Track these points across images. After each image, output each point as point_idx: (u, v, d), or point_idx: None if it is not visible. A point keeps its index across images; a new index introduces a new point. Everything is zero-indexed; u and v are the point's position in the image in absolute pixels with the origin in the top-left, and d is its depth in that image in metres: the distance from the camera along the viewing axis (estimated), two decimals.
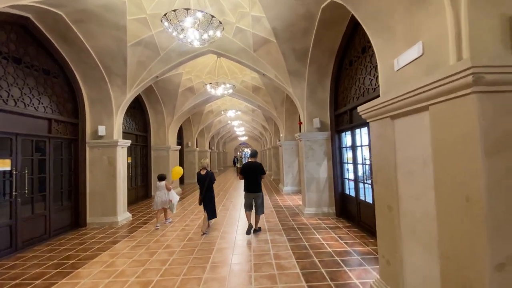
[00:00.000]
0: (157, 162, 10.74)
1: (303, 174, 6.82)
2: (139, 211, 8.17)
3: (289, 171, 10.91)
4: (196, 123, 15.56)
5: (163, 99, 10.35)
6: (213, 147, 23.99)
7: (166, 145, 10.79)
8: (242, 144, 38.50)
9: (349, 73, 5.90)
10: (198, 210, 7.85)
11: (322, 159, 6.78)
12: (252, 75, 9.84)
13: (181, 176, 14.84)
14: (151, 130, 10.80)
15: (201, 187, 5.57)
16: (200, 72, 9.90)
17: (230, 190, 12.17)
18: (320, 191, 6.73)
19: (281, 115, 11.05)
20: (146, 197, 10.44)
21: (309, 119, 6.91)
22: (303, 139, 6.82)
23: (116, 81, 6.69)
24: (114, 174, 6.73)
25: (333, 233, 5.24)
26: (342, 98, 6.36)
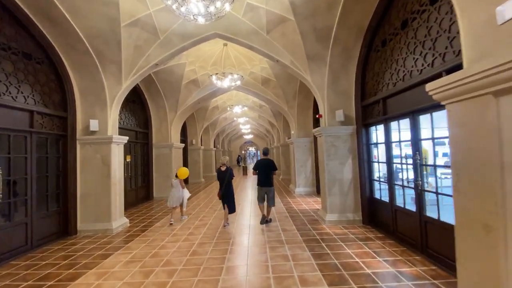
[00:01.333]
0: (159, 161, 9.94)
1: (324, 174, 5.92)
2: (138, 215, 7.36)
3: (301, 171, 10.00)
4: (201, 119, 14.74)
5: (165, 92, 9.52)
6: (218, 145, 23.18)
7: (169, 143, 9.98)
8: (247, 142, 37.67)
9: (382, 56, 4.97)
10: (203, 215, 7.01)
11: (346, 157, 5.87)
12: (262, 65, 8.94)
13: (187, 177, 14.08)
14: (153, 127, 9.99)
15: (221, 182, 5.90)
16: (205, 62, 9.04)
17: (236, 191, 11.30)
18: (343, 194, 5.82)
19: (292, 110, 10.14)
20: (147, 199, 9.64)
21: (331, 112, 5.99)
22: (324, 135, 5.91)
23: (110, 68, 5.87)
24: (108, 174, 5.92)
25: (365, 247, 4.33)
26: (371, 86, 5.43)
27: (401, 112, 4.37)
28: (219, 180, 5.96)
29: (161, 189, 9.85)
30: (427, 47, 3.71)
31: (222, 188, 5.86)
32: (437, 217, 3.64)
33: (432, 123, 3.70)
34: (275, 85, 9.72)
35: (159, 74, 8.75)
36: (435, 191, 3.67)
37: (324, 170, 5.93)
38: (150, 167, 9.79)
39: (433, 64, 3.62)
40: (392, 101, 4.71)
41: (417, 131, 4.07)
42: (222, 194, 5.86)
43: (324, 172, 5.93)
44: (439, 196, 3.67)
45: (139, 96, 9.38)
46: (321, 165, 6.15)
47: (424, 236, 3.93)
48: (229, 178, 5.86)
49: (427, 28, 3.70)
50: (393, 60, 4.58)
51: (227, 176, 5.83)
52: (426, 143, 4.26)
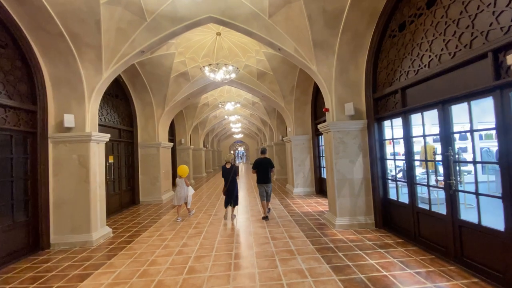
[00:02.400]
0: (145, 162, 9.10)
1: (333, 174, 5.37)
2: (123, 223, 6.54)
3: (299, 170, 9.46)
4: (190, 117, 13.93)
5: (152, 86, 8.70)
6: (207, 145, 22.36)
7: (156, 142, 9.16)
8: (236, 142, 36.94)
9: (399, 41, 4.48)
10: (197, 222, 6.30)
11: (356, 155, 5.35)
12: (259, 57, 8.32)
13: (173, 178, 13.19)
14: (138, 124, 9.14)
15: (226, 179, 6.23)
16: (196, 54, 8.31)
17: None
18: (354, 195, 5.30)
19: (289, 106, 9.58)
20: (133, 204, 8.79)
21: (339, 105, 5.45)
22: (332, 130, 5.37)
23: (88, 54, 5.06)
24: (87, 178, 5.11)
25: (388, 256, 3.81)
26: (384, 76, 4.93)
27: (426, 103, 3.88)
28: (224, 176, 6.31)
29: (148, 193, 9.03)
30: (463, 25, 3.22)
31: (227, 184, 6.20)
32: (477, 221, 3.15)
33: (471, 113, 3.21)
34: (271, 80, 9.12)
35: (145, 66, 7.94)
36: (475, 192, 3.18)
37: (332, 169, 5.39)
38: (136, 169, 8.94)
39: (471, 45, 3.13)
40: (414, 91, 4.22)
41: (448, 123, 3.58)
42: (227, 189, 6.18)
43: (332, 171, 5.39)
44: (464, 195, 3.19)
45: (123, 91, 8.51)
46: (328, 164, 5.60)
47: (458, 242, 3.45)
48: (233, 175, 6.19)
49: (463, 4, 3.21)
50: (415, 44, 4.09)
51: (232, 173, 6.18)
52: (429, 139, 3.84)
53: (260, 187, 6.36)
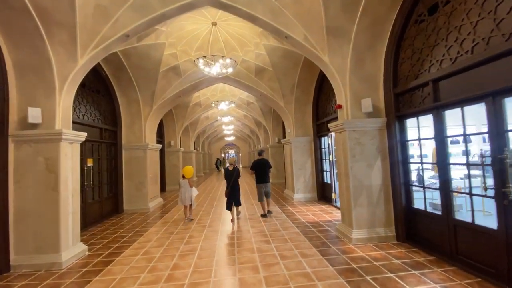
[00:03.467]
0: (130, 165, 8.17)
1: (348, 180, 4.69)
2: (102, 237, 5.62)
3: (300, 174, 8.77)
4: (181, 118, 13.04)
5: (139, 82, 7.82)
6: (198, 147, 21.41)
7: (143, 143, 8.26)
8: (228, 145, 36.05)
9: (429, 26, 3.88)
10: (190, 235, 5.46)
11: (375, 158, 4.70)
12: (258, 50, 7.61)
13: (162, 182, 12.26)
14: (123, 124, 8.21)
15: (229, 181, 6.38)
16: (189, 46, 7.52)
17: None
18: (372, 204, 4.64)
19: (289, 106, 8.91)
20: (116, 213, 7.83)
21: (355, 101, 4.80)
22: (347, 130, 4.70)
23: (60, 36, 4.20)
24: (56, 185, 4.21)
25: (428, 280, 3.14)
26: (408, 68, 4.32)
27: (469, 96, 3.26)
28: (227, 178, 6.46)
29: (133, 200, 8.09)
30: None
31: (229, 186, 6.33)
32: None
33: None
34: (270, 77, 8.44)
35: (131, 57, 7.08)
36: None
37: (347, 174, 4.70)
38: (119, 173, 7.99)
39: None
40: (449, 83, 3.61)
41: (501, 119, 2.97)
42: (229, 191, 6.30)
43: (347, 177, 4.71)
44: None
45: (106, 86, 7.60)
46: (342, 168, 4.92)
47: None
48: (236, 177, 6.37)
49: None
50: (452, 28, 3.49)
51: (234, 175, 6.36)
52: None
53: (259, 187, 6.64)
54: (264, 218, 6.33)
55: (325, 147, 8.26)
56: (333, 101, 7.29)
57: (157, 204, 8.85)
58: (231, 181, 6.32)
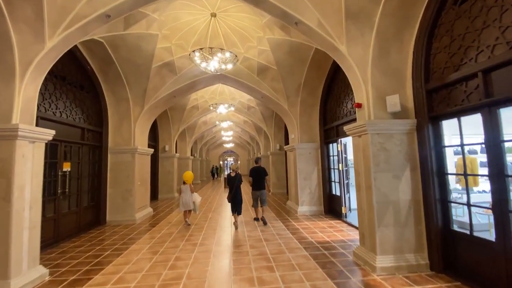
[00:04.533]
0: (116, 171, 7.31)
1: (370, 194, 3.86)
2: (74, 255, 4.71)
3: (305, 184, 7.92)
4: (176, 121, 12.25)
5: (128, 78, 7.06)
6: (195, 153, 20.56)
7: (131, 147, 7.43)
8: (226, 152, 35.21)
9: (473, 8, 3.17)
10: (176, 256, 4.57)
11: (402, 167, 3.89)
12: (261, 46, 6.89)
13: (154, 190, 11.38)
14: (110, 124, 7.40)
15: (231, 187, 6.43)
16: (184, 40, 6.80)
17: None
18: (400, 224, 3.79)
19: (294, 109, 8.14)
20: (97, 224, 6.92)
21: (378, 99, 4.02)
22: (370, 132, 3.90)
23: (23, 10, 3.44)
24: (6, 194, 3.36)
25: None
26: (444, 58, 3.56)
27: None
28: (229, 184, 6.58)
29: (118, 210, 7.19)
30: None
31: (231, 192, 6.39)
32: None
33: None
34: (274, 76, 7.69)
35: (120, 50, 6.33)
36: None
37: (369, 187, 3.87)
38: (103, 180, 7.12)
39: None
40: (507, 72, 2.84)
41: None
42: (232, 197, 6.36)
43: (369, 190, 3.87)
44: None
45: (91, 81, 6.82)
46: (363, 179, 4.09)
47: None
48: (238, 183, 6.45)
49: None
50: (508, 5, 2.75)
51: (237, 181, 6.43)
52: None
53: (254, 194, 6.75)
54: (266, 238, 5.41)
55: (334, 155, 7.44)
56: (345, 103, 6.53)
57: (146, 214, 7.94)
58: (234, 187, 6.40)
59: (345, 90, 6.48)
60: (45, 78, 5.14)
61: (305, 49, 6.54)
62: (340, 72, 6.77)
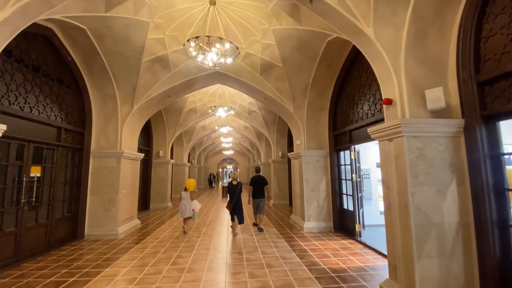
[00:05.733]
0: (98, 177, 6.44)
1: (407, 214, 3.00)
2: (31, 281, 3.80)
3: (312, 197, 7.03)
4: (172, 125, 11.44)
5: (116, 73, 6.29)
6: (193, 160, 19.69)
7: (117, 150, 6.59)
8: (226, 159, 34.30)
9: None
10: (163, 276, 3.65)
11: (447, 179, 3.04)
12: (266, 40, 6.13)
13: (146, 199, 10.48)
14: (94, 125, 6.59)
15: (232, 195, 6.55)
16: (180, 31, 6.05)
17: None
18: (446, 255, 2.92)
19: (300, 112, 7.34)
20: (73, 239, 6.01)
21: (414, 93, 3.21)
22: (406, 134, 3.07)
23: None
24: None
25: None
26: (501, 42, 2.78)
27: None
28: (230, 192, 6.58)
29: (99, 223, 6.29)
30: None
31: (232, 200, 6.45)
32: None
33: None
34: (279, 75, 6.92)
35: (106, 40, 5.58)
36: None
37: (406, 205, 3.01)
38: (83, 187, 6.25)
39: None
40: None
41: None
42: (233, 205, 6.43)
43: (406, 209, 3.01)
44: None
45: (72, 75, 6.05)
46: (395, 194, 3.23)
47: None
48: (239, 192, 6.53)
49: None
50: None
51: (238, 190, 6.52)
52: None
53: (254, 202, 6.98)
54: (268, 262, 4.47)
55: (346, 164, 6.58)
56: (360, 105, 5.72)
57: (132, 228, 7.03)
58: (235, 196, 6.48)
59: (361, 90, 5.69)
60: (12, 66, 4.40)
61: (315, 43, 5.79)
62: (355, 70, 6.02)
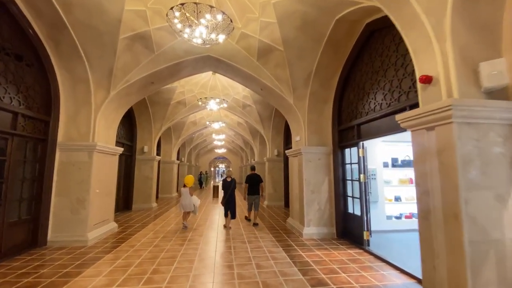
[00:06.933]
0: (66, 173, 5.51)
1: (459, 227, 2.24)
2: None
3: (313, 199, 6.26)
4: (159, 118, 10.49)
5: (88, 51, 5.35)
6: (183, 158, 18.70)
7: (89, 142, 5.66)
8: (218, 158, 33.36)
9: None
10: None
11: (508, 181, 2.28)
12: (264, 18, 5.30)
13: (128, 199, 9.54)
14: (62, 112, 5.63)
15: (226, 191, 7.03)
16: (163, 3, 5.14)
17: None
18: (508, 284, 2.15)
19: (301, 103, 6.56)
20: (34, 246, 5.06)
21: (464, 67, 2.45)
22: (456, 120, 2.31)
23: None
24: None
25: None
26: None
27: None
28: (224, 189, 7.11)
29: (65, 227, 5.36)
30: None
31: (226, 196, 6.95)
32: None
33: None
34: (278, 61, 6.11)
35: (75, 11, 4.65)
36: None
37: (456, 215, 2.26)
38: (47, 185, 5.29)
39: None
40: None
41: None
42: (226, 201, 6.90)
43: (456, 220, 2.26)
44: None
45: (35, 52, 5.09)
46: (438, 200, 2.46)
47: None
48: (233, 188, 7.03)
49: None
50: None
51: (232, 186, 7.02)
52: None
53: (249, 199, 7.30)
54: (265, 281, 3.65)
55: (352, 162, 5.83)
56: (372, 95, 4.97)
57: (106, 232, 6.10)
58: (229, 192, 6.93)
59: (374, 78, 4.94)
60: None
61: (322, 23, 5.03)
62: (366, 55, 5.27)
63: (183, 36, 4.46)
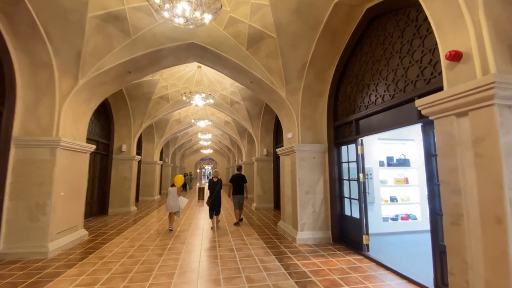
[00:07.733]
0: (23, 174, 4.71)
1: (503, 233, 1.77)
2: None
3: (307, 201, 5.77)
4: (139, 114, 9.71)
5: (50, 31, 4.61)
6: (167, 159, 17.81)
7: (52, 138, 4.89)
8: (204, 159, 32.45)
9: None
10: None
11: None
12: (256, 0, 4.79)
13: (104, 202, 8.78)
14: (18, 101, 4.84)
15: (212, 191, 6.93)
16: None
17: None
18: None
19: (294, 98, 6.08)
20: None
21: (499, 42, 2.01)
22: (499, 102, 1.85)
23: None
24: None
25: None
26: None
27: None
28: (210, 189, 7.01)
29: (23, 236, 4.57)
30: None
31: (212, 196, 6.85)
32: None
33: None
34: (271, 50, 5.60)
35: None
36: None
37: (501, 219, 1.79)
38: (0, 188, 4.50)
39: None
40: None
41: None
42: (212, 201, 6.81)
43: (501, 225, 1.79)
44: None
45: None
46: (474, 200, 2.01)
47: None
48: (218, 188, 6.96)
49: None
50: None
51: (218, 187, 6.95)
52: None
53: (234, 198, 7.52)
54: None
55: (349, 161, 5.39)
56: (373, 86, 4.55)
57: (73, 241, 5.33)
58: (215, 192, 6.85)
59: (374, 68, 4.53)
60: None
61: (319, 6, 4.58)
62: (365, 44, 4.86)
63: (162, 14, 3.85)
